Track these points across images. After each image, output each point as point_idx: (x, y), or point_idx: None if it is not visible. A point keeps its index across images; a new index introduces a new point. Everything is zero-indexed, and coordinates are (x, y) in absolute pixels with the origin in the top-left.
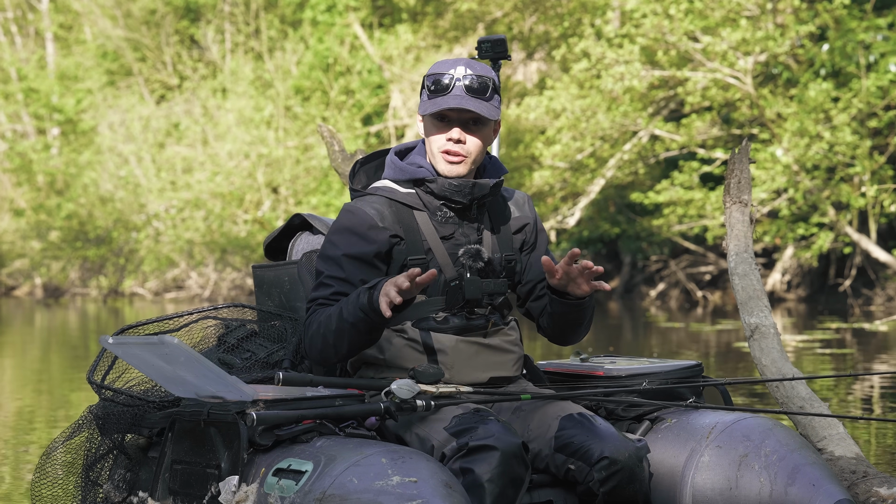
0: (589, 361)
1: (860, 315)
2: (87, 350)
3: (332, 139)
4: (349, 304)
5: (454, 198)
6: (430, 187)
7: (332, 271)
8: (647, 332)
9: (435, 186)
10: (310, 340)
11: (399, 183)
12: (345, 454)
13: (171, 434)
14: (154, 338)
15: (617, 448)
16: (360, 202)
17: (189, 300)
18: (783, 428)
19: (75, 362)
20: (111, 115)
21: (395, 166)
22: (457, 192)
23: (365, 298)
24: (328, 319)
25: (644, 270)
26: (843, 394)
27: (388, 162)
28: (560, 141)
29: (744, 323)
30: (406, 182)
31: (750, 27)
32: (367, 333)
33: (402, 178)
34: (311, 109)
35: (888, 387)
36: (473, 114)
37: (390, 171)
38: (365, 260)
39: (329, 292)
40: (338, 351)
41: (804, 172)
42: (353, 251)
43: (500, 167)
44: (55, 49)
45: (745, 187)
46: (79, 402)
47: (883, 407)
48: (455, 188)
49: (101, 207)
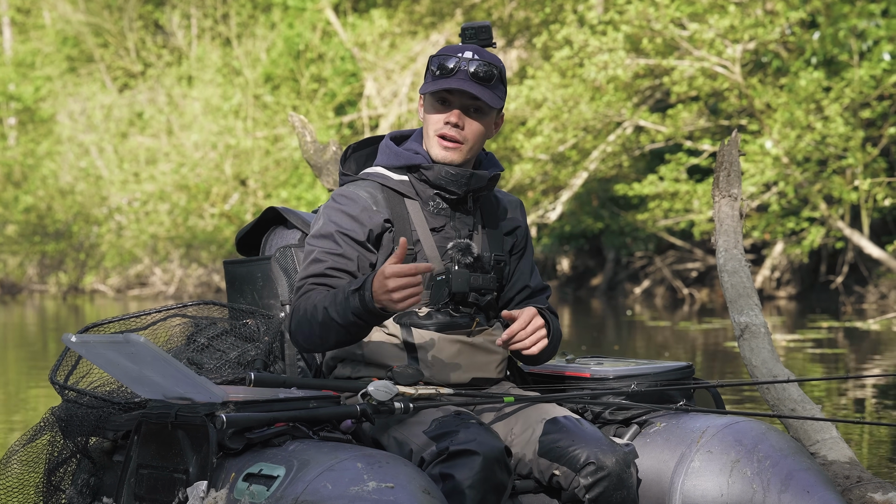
0: (575, 363)
1: (852, 313)
2: (45, 350)
3: (303, 129)
4: (338, 304)
5: (449, 187)
6: (426, 175)
7: (326, 247)
8: (631, 331)
9: (430, 174)
10: (297, 324)
11: (392, 169)
12: (319, 458)
13: (136, 437)
14: (120, 336)
15: (603, 453)
16: (352, 186)
17: (153, 298)
18: (776, 432)
19: (33, 362)
20: (71, 103)
21: (389, 151)
22: (453, 182)
23: (356, 301)
24: (314, 310)
25: (628, 267)
26: (835, 396)
27: (382, 147)
28: (541, 132)
29: (733, 322)
30: (399, 169)
31: (738, 14)
32: (357, 334)
33: (397, 163)
34: (281, 98)
35: (882, 389)
36: (475, 99)
37: (384, 157)
38: (359, 241)
39: (324, 267)
40: (324, 344)
41: (794, 165)
42: (347, 229)
43: (496, 163)
44: (12, 34)
45: (734, 180)
46: (37, 404)
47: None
48: (451, 177)
49: (60, 200)
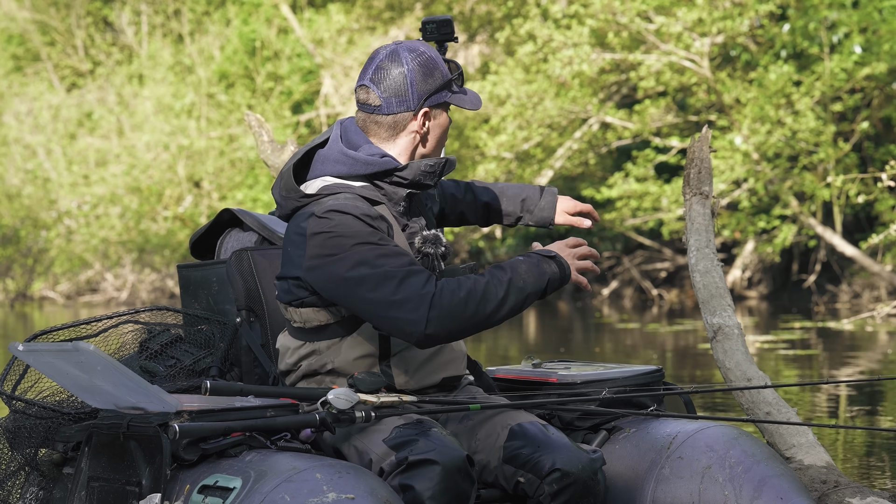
0: (541, 367)
1: (825, 313)
2: None
3: (260, 129)
4: (524, 274)
5: (426, 181)
6: (400, 175)
7: (401, 260)
8: (599, 333)
9: (407, 172)
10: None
11: (349, 179)
12: (277, 469)
13: (87, 448)
14: (68, 345)
15: (570, 459)
16: (332, 202)
17: (105, 304)
18: (748, 437)
19: None
20: (17, 103)
21: (353, 161)
22: (429, 175)
23: (555, 267)
24: (486, 287)
25: None
26: (807, 399)
27: (335, 158)
28: (505, 130)
29: (706, 323)
30: (358, 177)
31: (706, 6)
32: (530, 303)
33: (365, 172)
34: (236, 97)
35: (856, 390)
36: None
37: (342, 168)
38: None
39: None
40: (489, 319)
41: (765, 161)
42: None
43: None
44: None
45: (705, 177)
46: None
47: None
48: (430, 168)
49: (6, 204)
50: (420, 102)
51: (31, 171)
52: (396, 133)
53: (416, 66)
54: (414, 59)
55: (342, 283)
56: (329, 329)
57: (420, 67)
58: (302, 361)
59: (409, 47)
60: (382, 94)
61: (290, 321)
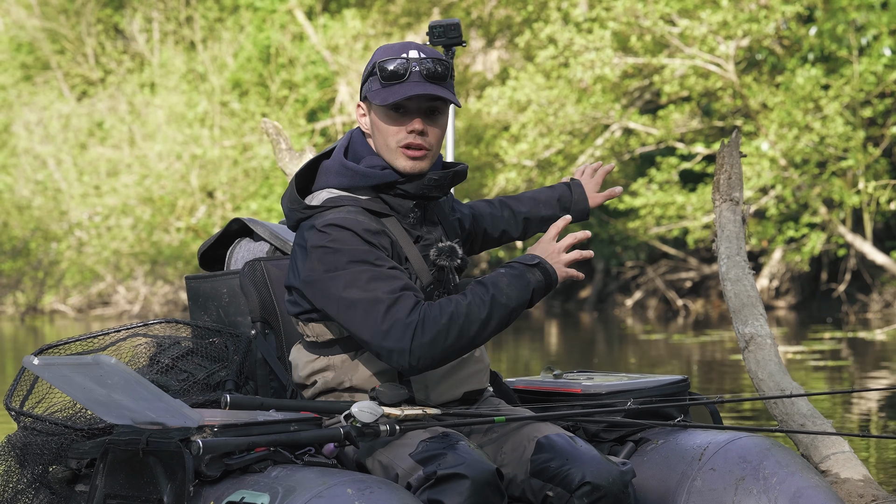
0: (563, 378)
1: (856, 323)
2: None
3: (278, 136)
4: (507, 288)
5: (433, 193)
6: (403, 188)
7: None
8: (623, 344)
9: (410, 186)
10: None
11: (354, 191)
12: (305, 485)
13: (103, 465)
14: (87, 358)
15: (599, 472)
16: (332, 215)
17: (116, 317)
18: (782, 448)
19: None
20: (27, 113)
21: (353, 173)
22: (436, 188)
23: (539, 275)
24: (467, 309)
25: (619, 278)
26: (839, 410)
27: (337, 170)
28: (526, 137)
29: (737, 333)
30: (363, 189)
31: (731, 8)
32: (517, 316)
33: (365, 184)
34: (250, 105)
35: (890, 402)
36: (436, 101)
37: (344, 180)
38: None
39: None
40: (474, 341)
41: (793, 167)
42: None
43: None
44: None
45: (735, 183)
46: None
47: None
48: (435, 182)
49: (16, 216)
50: (361, 97)
51: (42, 182)
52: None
53: (370, 61)
54: (378, 53)
55: (335, 302)
56: (342, 343)
57: (369, 62)
58: (316, 376)
59: (383, 46)
60: None
61: (303, 335)
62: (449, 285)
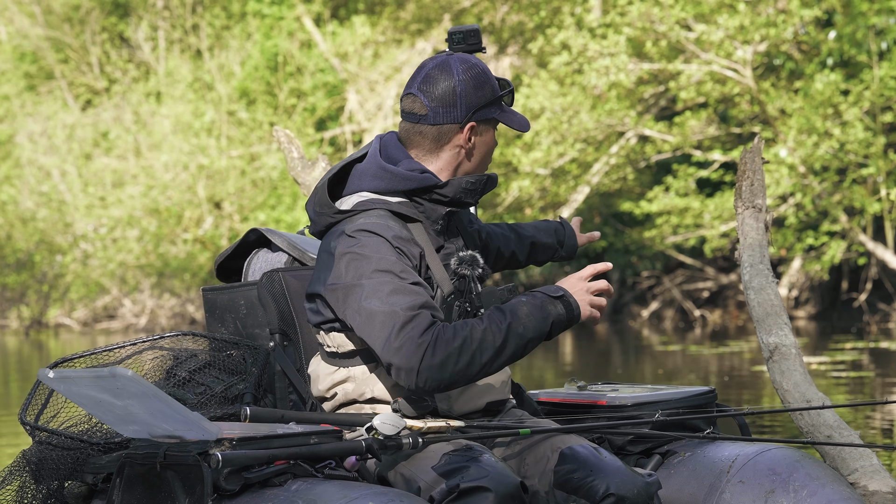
0: (587, 389)
1: (878, 333)
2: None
3: (290, 145)
4: (525, 318)
5: (466, 198)
6: (441, 193)
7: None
8: (639, 356)
9: (448, 189)
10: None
11: (388, 194)
12: (327, 498)
13: (119, 480)
14: (104, 370)
15: (624, 483)
16: (363, 220)
17: (123, 331)
18: (812, 460)
19: None
20: (31, 123)
21: (391, 176)
22: (470, 192)
23: (560, 309)
24: (483, 334)
25: (635, 288)
26: (862, 422)
27: (374, 172)
28: (539, 145)
29: (761, 343)
30: (396, 193)
31: (749, 12)
32: (532, 348)
33: (403, 187)
34: (257, 114)
35: None
36: None
37: (380, 183)
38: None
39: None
40: (486, 368)
41: (812, 174)
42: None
43: None
44: None
45: (758, 190)
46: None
47: None
48: (472, 185)
49: (20, 228)
50: (468, 115)
51: (46, 193)
52: (440, 146)
53: (468, 77)
54: (466, 70)
55: (355, 310)
56: (363, 354)
57: (471, 79)
58: (336, 388)
59: (462, 59)
60: (430, 104)
61: (324, 346)
62: (470, 295)
